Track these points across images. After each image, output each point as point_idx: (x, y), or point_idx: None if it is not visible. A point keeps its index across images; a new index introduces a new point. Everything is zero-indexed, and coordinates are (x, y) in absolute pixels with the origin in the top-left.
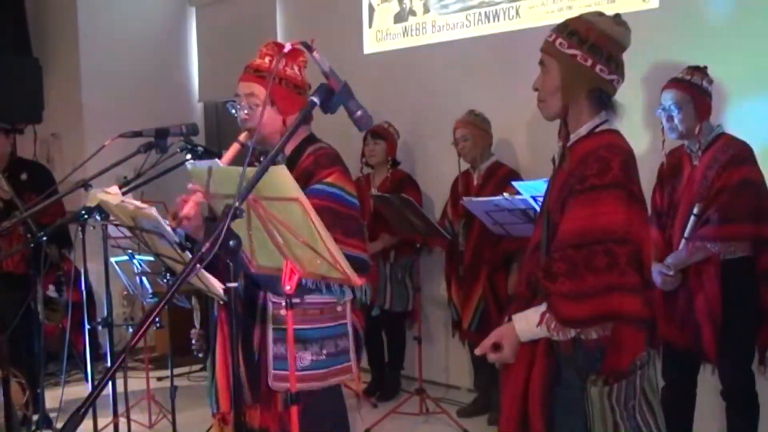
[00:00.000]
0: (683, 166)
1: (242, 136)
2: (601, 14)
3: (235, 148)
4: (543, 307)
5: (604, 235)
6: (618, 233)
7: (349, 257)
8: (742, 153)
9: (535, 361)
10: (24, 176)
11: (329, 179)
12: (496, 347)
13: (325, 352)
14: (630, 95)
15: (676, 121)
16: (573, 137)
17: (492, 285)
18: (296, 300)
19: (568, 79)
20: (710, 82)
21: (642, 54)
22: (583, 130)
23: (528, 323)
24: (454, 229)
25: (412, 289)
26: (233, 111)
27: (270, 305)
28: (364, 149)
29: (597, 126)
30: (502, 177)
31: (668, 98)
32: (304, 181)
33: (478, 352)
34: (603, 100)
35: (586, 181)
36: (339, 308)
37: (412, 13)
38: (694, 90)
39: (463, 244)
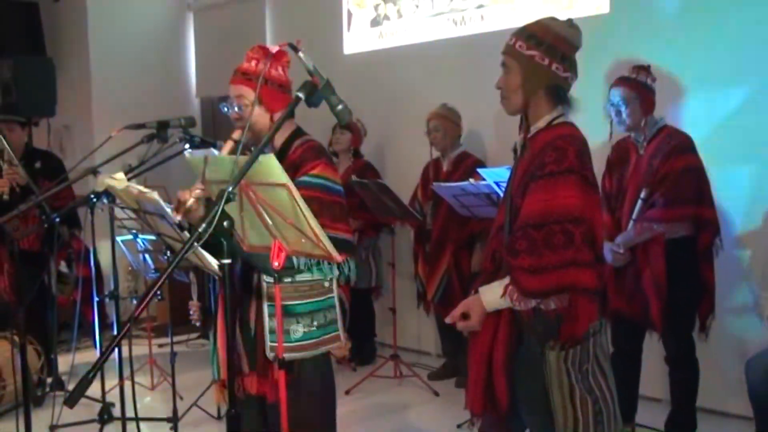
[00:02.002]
0: (630, 155)
1: (235, 134)
2: (555, 19)
3: (229, 145)
4: (506, 280)
5: (561, 216)
6: (574, 214)
7: (336, 239)
8: (684, 143)
9: (499, 329)
10: (38, 164)
11: (314, 171)
12: (465, 316)
13: (315, 323)
14: (584, 92)
15: (624, 115)
16: (533, 129)
17: (456, 261)
18: (287, 279)
19: (528, 78)
20: (654, 79)
21: (595, 54)
22: (542, 123)
23: (493, 295)
24: (423, 210)
25: (375, 267)
26: (225, 110)
27: (264, 284)
28: (331, 138)
29: (554, 119)
30: (469, 165)
31: (616, 95)
32: (293, 172)
33: (448, 320)
34: (559, 95)
35: (545, 167)
36: (326, 284)
37: (387, 18)
38: (640, 87)
39: (430, 224)
